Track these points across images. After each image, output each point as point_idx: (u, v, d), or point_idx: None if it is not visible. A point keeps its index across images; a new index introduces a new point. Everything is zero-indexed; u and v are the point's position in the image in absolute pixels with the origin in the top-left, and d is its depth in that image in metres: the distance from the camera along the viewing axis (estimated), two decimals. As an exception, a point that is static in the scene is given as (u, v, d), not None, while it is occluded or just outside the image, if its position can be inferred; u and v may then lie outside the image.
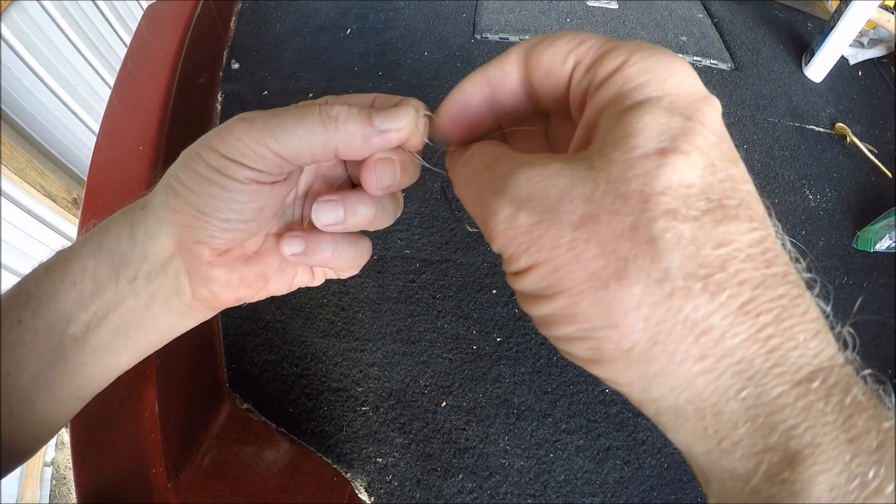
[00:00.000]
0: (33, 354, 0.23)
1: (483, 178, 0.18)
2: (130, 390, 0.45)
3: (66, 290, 0.23)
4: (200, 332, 0.26)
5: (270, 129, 0.21)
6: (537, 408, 0.60)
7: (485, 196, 0.17)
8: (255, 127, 0.21)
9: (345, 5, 0.98)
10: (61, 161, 1.40)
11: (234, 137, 0.21)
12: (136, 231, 0.23)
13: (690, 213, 0.14)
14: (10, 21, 1.19)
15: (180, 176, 0.22)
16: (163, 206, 0.23)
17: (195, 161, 0.22)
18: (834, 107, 0.89)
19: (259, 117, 0.21)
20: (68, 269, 0.23)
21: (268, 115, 0.21)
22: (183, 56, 0.72)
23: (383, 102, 0.24)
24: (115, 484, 0.43)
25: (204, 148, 0.22)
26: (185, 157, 0.22)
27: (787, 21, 1.03)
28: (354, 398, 0.60)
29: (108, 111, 0.65)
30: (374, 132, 0.21)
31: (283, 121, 0.21)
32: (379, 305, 0.65)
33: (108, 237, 0.23)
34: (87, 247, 0.24)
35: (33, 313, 0.23)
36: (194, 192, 0.22)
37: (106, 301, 0.23)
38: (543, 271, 0.15)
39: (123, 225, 0.23)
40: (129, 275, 0.23)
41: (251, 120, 0.21)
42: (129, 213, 0.24)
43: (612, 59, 0.17)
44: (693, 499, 0.56)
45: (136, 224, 0.23)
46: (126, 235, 0.23)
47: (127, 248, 0.23)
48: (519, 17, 0.96)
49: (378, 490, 0.57)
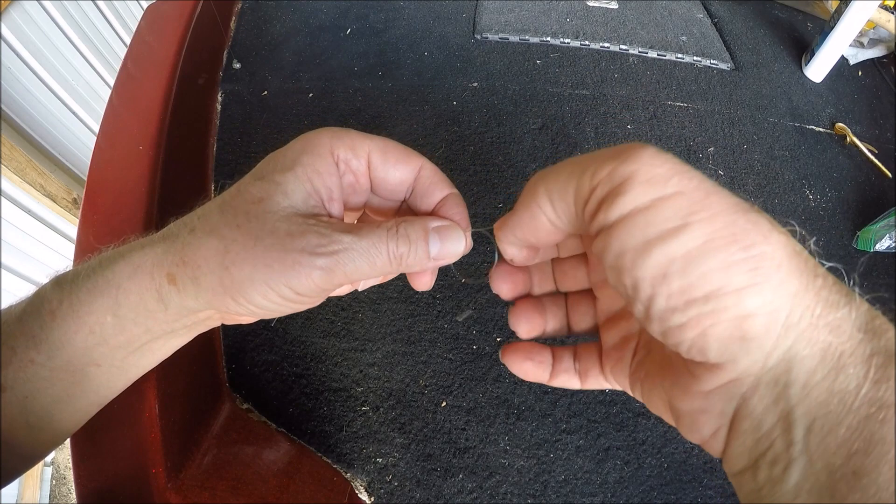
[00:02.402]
0: (54, 382, 0.24)
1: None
2: (130, 390, 0.44)
3: (83, 337, 0.23)
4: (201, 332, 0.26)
5: (348, 276, 0.22)
6: (537, 408, 0.60)
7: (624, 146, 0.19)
8: (334, 276, 0.22)
9: (345, 5, 0.98)
10: (61, 161, 1.40)
11: (313, 284, 0.22)
12: (169, 302, 0.23)
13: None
14: (10, 21, 1.19)
15: (242, 299, 0.22)
16: (207, 300, 0.22)
17: (261, 290, 0.21)
18: (834, 107, 0.89)
19: (337, 265, 0.22)
20: (81, 321, 0.23)
21: (345, 259, 0.22)
22: (183, 56, 0.72)
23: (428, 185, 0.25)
24: (115, 484, 0.43)
25: (276, 283, 0.21)
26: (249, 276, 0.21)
27: (787, 21, 1.03)
28: (354, 398, 0.60)
29: (108, 111, 0.65)
30: (430, 262, 0.24)
31: (358, 267, 0.22)
32: (379, 305, 0.65)
33: (128, 298, 0.23)
34: (101, 302, 0.23)
35: (48, 356, 0.23)
36: (251, 310, 0.22)
37: (132, 339, 0.24)
38: (697, 196, 0.17)
39: (147, 290, 0.22)
40: (158, 328, 0.24)
41: (330, 269, 0.22)
42: (152, 275, 0.23)
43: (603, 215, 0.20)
44: (693, 499, 0.56)
45: (166, 297, 0.22)
46: (152, 301, 0.23)
47: (155, 308, 0.23)
48: (519, 17, 0.96)
49: (378, 490, 0.56)
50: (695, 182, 0.17)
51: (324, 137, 0.23)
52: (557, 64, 0.89)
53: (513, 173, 0.76)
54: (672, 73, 0.90)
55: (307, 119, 0.82)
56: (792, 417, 0.17)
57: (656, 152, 0.18)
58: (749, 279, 0.16)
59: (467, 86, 0.85)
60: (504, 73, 0.87)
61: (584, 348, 0.27)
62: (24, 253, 1.32)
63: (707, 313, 0.17)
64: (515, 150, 0.78)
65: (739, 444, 0.18)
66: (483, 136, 0.79)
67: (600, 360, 0.26)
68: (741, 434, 0.18)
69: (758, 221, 0.17)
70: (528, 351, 0.27)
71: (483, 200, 0.73)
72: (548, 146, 0.79)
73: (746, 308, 0.16)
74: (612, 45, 0.92)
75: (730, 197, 0.17)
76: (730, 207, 0.17)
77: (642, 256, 0.17)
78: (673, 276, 0.17)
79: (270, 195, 0.22)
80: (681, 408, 0.20)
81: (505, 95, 0.84)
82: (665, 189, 0.17)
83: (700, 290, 0.17)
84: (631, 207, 0.17)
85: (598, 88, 0.86)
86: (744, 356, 0.17)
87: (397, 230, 0.23)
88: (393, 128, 0.81)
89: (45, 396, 0.24)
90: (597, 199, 0.18)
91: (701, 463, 0.57)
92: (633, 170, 0.18)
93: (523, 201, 0.22)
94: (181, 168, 0.66)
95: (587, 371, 0.26)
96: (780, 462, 0.17)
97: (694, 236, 0.17)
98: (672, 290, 0.17)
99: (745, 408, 0.18)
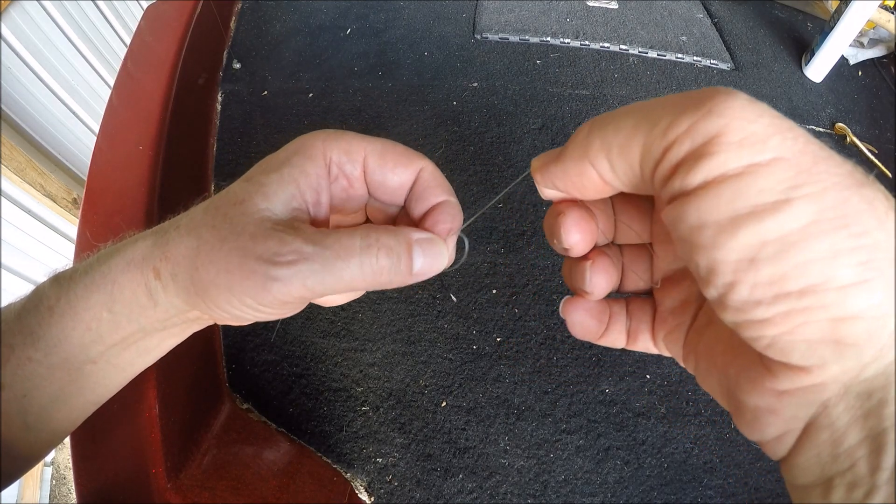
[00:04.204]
0: (51, 380, 0.24)
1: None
2: (130, 391, 0.45)
3: (80, 333, 0.23)
4: (201, 332, 0.26)
5: (309, 289, 0.20)
6: (537, 408, 0.60)
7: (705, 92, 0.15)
8: (293, 287, 0.20)
9: (345, 5, 0.98)
10: (61, 161, 1.40)
11: (270, 296, 0.20)
12: (157, 298, 0.22)
13: None
14: (10, 21, 1.19)
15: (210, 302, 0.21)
16: (185, 298, 0.22)
17: (226, 296, 0.21)
18: (834, 107, 0.89)
19: (294, 276, 0.20)
20: (78, 317, 0.23)
21: (303, 271, 0.20)
22: (183, 56, 0.72)
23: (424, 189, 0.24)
24: (115, 484, 0.43)
25: (237, 291, 0.20)
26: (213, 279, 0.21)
27: (787, 21, 1.03)
28: (354, 398, 0.60)
29: (108, 111, 0.65)
30: (410, 279, 0.22)
31: (322, 280, 0.20)
32: (379, 305, 0.65)
33: (122, 293, 0.23)
34: (97, 297, 0.23)
35: (46, 353, 0.23)
36: (223, 316, 0.22)
37: (127, 336, 0.24)
38: (805, 161, 0.14)
39: (138, 285, 0.22)
40: (152, 326, 0.23)
41: (287, 280, 0.20)
42: (141, 269, 0.22)
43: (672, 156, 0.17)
44: (693, 499, 0.56)
45: (154, 292, 0.22)
46: (143, 297, 0.23)
47: (146, 304, 0.23)
48: (519, 17, 0.96)
49: (378, 490, 0.56)
50: (800, 144, 0.14)
51: (317, 139, 0.23)
52: (557, 64, 0.89)
53: (513, 173, 0.76)
54: (672, 73, 0.90)
55: (307, 119, 0.82)
56: (883, 440, 0.14)
57: (749, 101, 0.15)
58: (857, 274, 0.13)
59: (467, 86, 0.85)
60: (504, 73, 0.87)
61: (637, 305, 0.23)
62: (24, 253, 1.32)
63: (799, 310, 0.14)
64: (515, 150, 0.78)
65: (812, 457, 0.16)
66: (483, 136, 0.79)
67: (652, 324, 0.23)
68: (815, 445, 0.16)
69: (874, 200, 0.14)
70: (593, 307, 0.23)
71: (483, 200, 0.73)
72: (548, 146, 0.79)
73: (850, 309, 0.14)
74: (612, 45, 0.92)
75: (841, 165, 0.14)
76: (842, 180, 0.14)
77: (727, 234, 0.14)
78: (763, 262, 0.14)
79: (251, 196, 0.21)
80: (745, 401, 0.17)
81: (505, 95, 0.84)
82: (763, 153, 0.14)
83: (796, 284, 0.14)
84: (718, 173, 0.14)
85: (598, 88, 0.86)
86: (835, 362, 0.14)
87: (378, 240, 0.21)
88: (393, 128, 0.81)
89: (43, 395, 0.24)
90: (672, 161, 0.15)
91: (701, 463, 0.57)
92: (721, 125, 0.14)
93: (572, 154, 0.18)
94: (181, 168, 0.66)
95: (637, 332, 0.23)
96: (861, 486, 0.14)
97: (796, 216, 0.14)
98: (760, 279, 0.14)
99: (825, 417, 0.15)
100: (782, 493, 0.57)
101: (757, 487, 0.56)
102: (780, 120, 0.15)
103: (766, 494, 0.56)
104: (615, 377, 0.61)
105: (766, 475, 0.57)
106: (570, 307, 0.23)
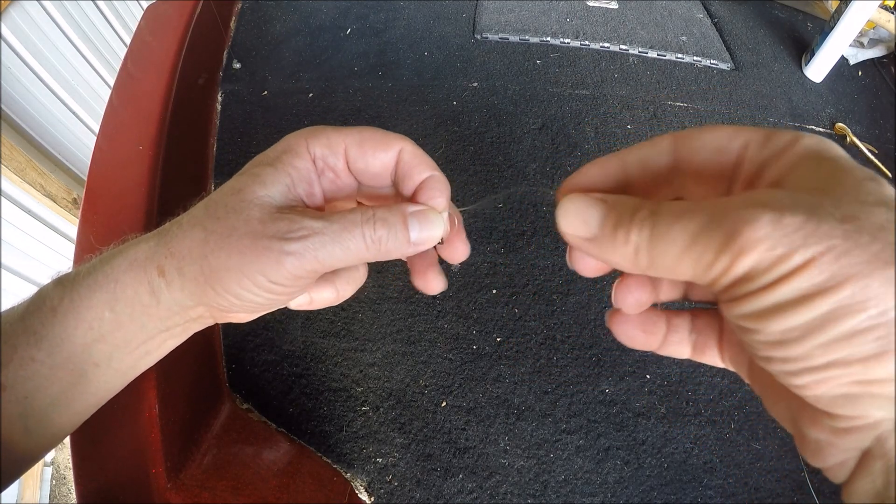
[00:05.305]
0: (53, 381, 0.24)
1: (705, 211, 0.17)
2: (130, 390, 0.45)
3: (83, 333, 0.23)
4: (201, 332, 0.26)
5: (321, 262, 0.22)
6: (537, 408, 0.60)
7: (728, 216, 0.17)
8: (305, 261, 0.22)
9: (345, 5, 0.98)
10: (61, 161, 1.40)
11: (285, 270, 0.21)
12: (160, 296, 0.23)
13: None
14: (10, 21, 1.19)
15: (220, 288, 0.22)
16: (191, 291, 0.23)
17: (237, 278, 0.22)
18: (834, 107, 0.89)
19: (307, 249, 0.21)
20: (80, 317, 0.23)
21: (315, 244, 0.22)
22: (183, 56, 0.72)
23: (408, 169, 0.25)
24: (115, 484, 0.43)
25: (249, 270, 0.21)
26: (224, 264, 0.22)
27: (787, 21, 1.03)
28: (354, 398, 0.60)
29: (108, 111, 0.65)
30: (410, 247, 0.24)
31: (331, 251, 0.22)
32: (379, 305, 0.65)
33: (124, 292, 0.23)
34: (99, 296, 0.23)
35: (49, 353, 0.23)
36: (232, 302, 0.23)
37: (129, 338, 0.24)
38: (826, 260, 0.15)
39: (141, 284, 0.23)
40: (153, 325, 0.24)
41: (300, 254, 0.21)
42: (144, 268, 0.23)
43: (781, 136, 0.19)
44: (693, 499, 0.56)
45: (157, 290, 0.23)
46: (146, 295, 0.23)
47: (148, 302, 0.23)
48: (519, 17, 0.96)
49: (378, 490, 0.56)
50: (823, 244, 0.15)
51: (301, 137, 0.24)
52: (557, 64, 0.89)
53: (513, 173, 0.76)
54: (672, 73, 0.90)
55: (307, 119, 0.82)
56: None
57: (775, 219, 0.16)
58: (877, 348, 0.15)
59: (467, 86, 0.85)
60: (504, 73, 0.87)
61: (704, 319, 0.24)
62: (24, 253, 1.32)
63: (829, 378, 0.16)
64: (515, 150, 0.78)
65: (867, 483, 0.17)
66: (483, 136, 0.79)
67: (720, 338, 0.23)
68: (870, 473, 0.17)
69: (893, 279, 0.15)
70: (640, 320, 0.23)
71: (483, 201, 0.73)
72: (548, 146, 0.79)
73: (875, 375, 0.15)
74: (612, 45, 0.92)
75: (869, 246, 0.15)
76: (864, 268, 0.15)
77: (757, 323, 0.16)
78: (789, 344, 0.16)
79: (248, 185, 0.22)
80: (807, 434, 0.19)
81: (505, 95, 0.84)
82: (789, 263, 0.15)
83: (819, 360, 0.16)
84: (751, 289, 0.16)
85: (598, 88, 0.86)
86: (877, 410, 0.16)
87: (374, 214, 0.23)
88: (393, 128, 0.80)
89: (45, 397, 0.24)
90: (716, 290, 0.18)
91: (701, 463, 0.57)
92: (753, 262, 0.16)
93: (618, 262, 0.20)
94: (181, 168, 0.66)
95: (704, 346, 0.23)
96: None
97: (816, 310, 0.15)
98: (788, 356, 0.16)
99: (878, 448, 0.17)
100: (782, 493, 0.57)
101: (757, 487, 0.56)
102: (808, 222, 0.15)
103: (766, 494, 0.56)
104: (615, 377, 0.61)
105: (766, 475, 0.57)
106: (613, 319, 0.24)
